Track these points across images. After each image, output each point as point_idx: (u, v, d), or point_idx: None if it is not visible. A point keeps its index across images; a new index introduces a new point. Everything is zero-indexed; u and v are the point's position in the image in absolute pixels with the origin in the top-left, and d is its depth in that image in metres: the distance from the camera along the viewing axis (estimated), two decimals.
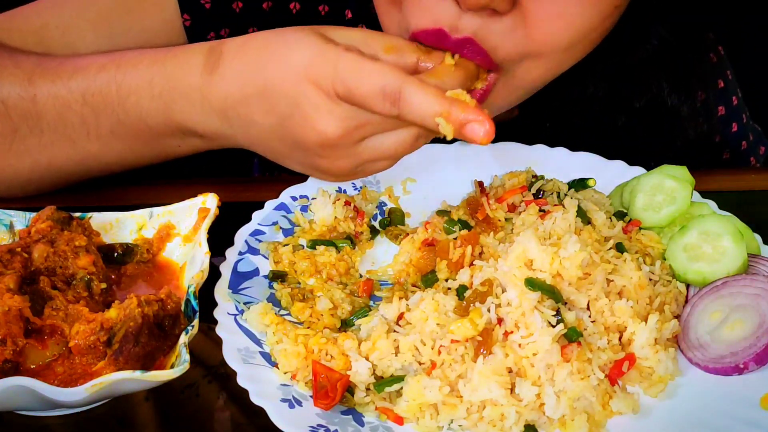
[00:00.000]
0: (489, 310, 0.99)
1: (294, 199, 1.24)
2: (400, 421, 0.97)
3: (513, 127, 1.33)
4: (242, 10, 1.40)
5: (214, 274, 1.08)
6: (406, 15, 1.12)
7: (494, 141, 1.03)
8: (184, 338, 0.94)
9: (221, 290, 1.08)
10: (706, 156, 1.55)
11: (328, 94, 1.01)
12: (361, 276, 1.17)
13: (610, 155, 1.32)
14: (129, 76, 1.18)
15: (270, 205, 1.22)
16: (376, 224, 1.24)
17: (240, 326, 1.05)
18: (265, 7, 1.40)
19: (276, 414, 0.94)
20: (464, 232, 1.15)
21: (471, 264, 1.09)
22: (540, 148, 1.33)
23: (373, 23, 1.24)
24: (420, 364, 0.99)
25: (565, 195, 1.20)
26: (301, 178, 1.25)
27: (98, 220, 1.13)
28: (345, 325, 1.08)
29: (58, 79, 1.22)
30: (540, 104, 1.30)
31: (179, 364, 0.91)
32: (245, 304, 1.08)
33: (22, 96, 1.22)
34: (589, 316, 1.02)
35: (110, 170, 1.26)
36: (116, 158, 1.23)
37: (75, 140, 1.21)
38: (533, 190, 1.21)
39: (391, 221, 1.24)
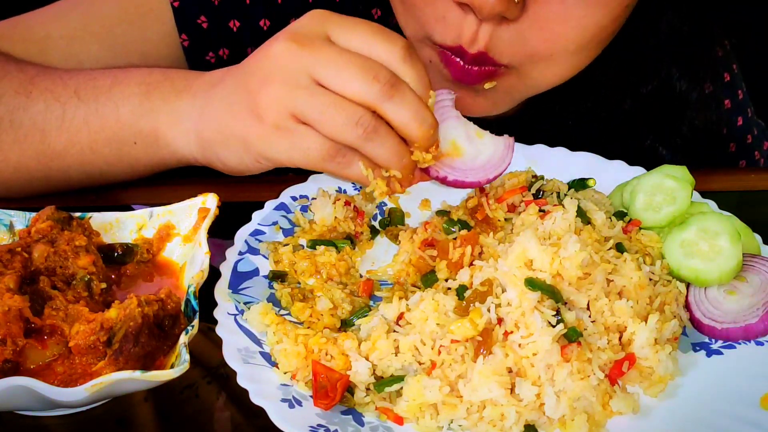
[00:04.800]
0: (489, 310, 0.99)
1: (294, 199, 1.24)
2: (400, 421, 0.97)
3: (515, 123, 1.33)
4: (239, 29, 1.39)
5: (214, 274, 1.08)
6: (426, 27, 1.16)
7: None
8: (184, 338, 0.94)
9: (221, 290, 1.08)
10: (712, 146, 1.55)
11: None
12: (361, 276, 1.17)
13: (612, 146, 1.32)
14: (131, 74, 1.21)
15: (270, 205, 1.22)
16: (376, 224, 1.24)
17: (240, 326, 1.05)
18: (263, 25, 1.39)
19: (276, 414, 0.94)
20: (464, 232, 1.15)
21: (471, 264, 1.09)
22: (540, 148, 1.33)
23: None
24: (420, 364, 0.99)
25: (565, 195, 1.20)
26: (302, 178, 1.25)
27: (98, 220, 1.13)
28: (345, 325, 1.08)
29: (58, 78, 1.23)
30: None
31: (179, 364, 0.91)
32: (245, 304, 1.08)
33: (18, 92, 1.23)
34: (589, 316, 1.02)
35: (68, 177, 1.26)
36: (77, 159, 1.23)
37: (47, 133, 1.22)
38: (533, 190, 1.21)
39: (391, 221, 1.24)
